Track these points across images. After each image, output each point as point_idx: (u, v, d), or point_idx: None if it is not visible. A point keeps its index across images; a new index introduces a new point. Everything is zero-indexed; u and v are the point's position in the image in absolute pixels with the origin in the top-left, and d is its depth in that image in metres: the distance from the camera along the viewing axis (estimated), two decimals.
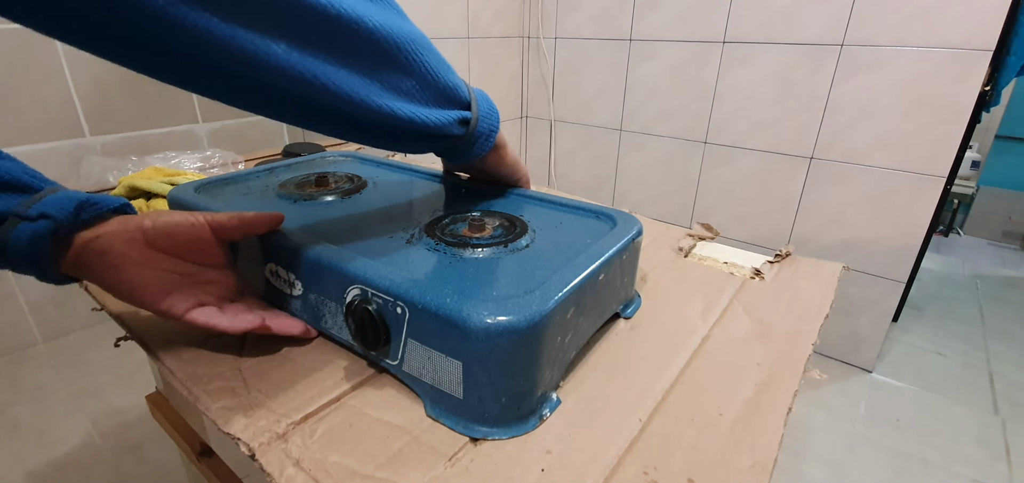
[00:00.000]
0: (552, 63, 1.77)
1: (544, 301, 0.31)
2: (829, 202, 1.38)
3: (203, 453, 0.65)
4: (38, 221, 0.32)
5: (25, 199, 0.33)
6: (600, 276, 0.37)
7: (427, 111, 0.38)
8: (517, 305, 0.30)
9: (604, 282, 0.38)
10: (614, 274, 0.40)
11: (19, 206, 0.32)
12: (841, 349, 1.50)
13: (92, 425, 1.18)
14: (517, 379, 0.31)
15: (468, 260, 0.38)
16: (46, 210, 0.32)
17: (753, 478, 0.29)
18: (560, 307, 0.32)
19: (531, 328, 0.30)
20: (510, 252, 0.39)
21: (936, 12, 1.13)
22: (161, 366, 0.38)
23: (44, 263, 0.33)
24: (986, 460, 1.16)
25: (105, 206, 0.35)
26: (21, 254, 0.32)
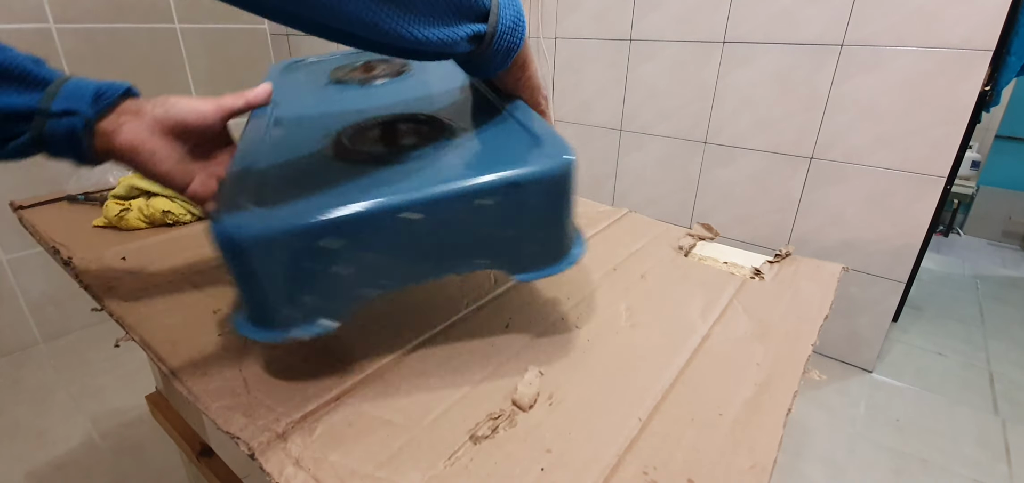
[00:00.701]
0: (552, 63, 1.77)
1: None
2: (829, 202, 1.38)
3: (203, 453, 0.65)
4: (64, 118, 0.35)
5: (40, 94, 0.35)
6: None
7: (429, 29, 0.34)
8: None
9: None
10: None
11: (41, 103, 0.35)
12: (841, 349, 1.50)
13: (92, 425, 1.18)
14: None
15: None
16: (69, 107, 0.35)
17: (753, 478, 0.29)
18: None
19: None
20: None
21: (936, 12, 1.13)
22: (161, 366, 0.38)
23: (82, 152, 0.36)
24: (986, 460, 1.16)
25: (116, 92, 0.38)
26: (59, 148, 0.36)
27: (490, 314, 0.46)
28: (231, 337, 0.41)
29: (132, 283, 0.49)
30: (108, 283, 0.48)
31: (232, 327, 0.34)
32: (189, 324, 0.42)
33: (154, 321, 0.43)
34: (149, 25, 1.45)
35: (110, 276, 0.49)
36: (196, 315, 0.44)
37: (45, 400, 1.25)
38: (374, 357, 0.39)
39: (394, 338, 0.42)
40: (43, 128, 0.35)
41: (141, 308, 0.45)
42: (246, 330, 0.33)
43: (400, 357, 0.39)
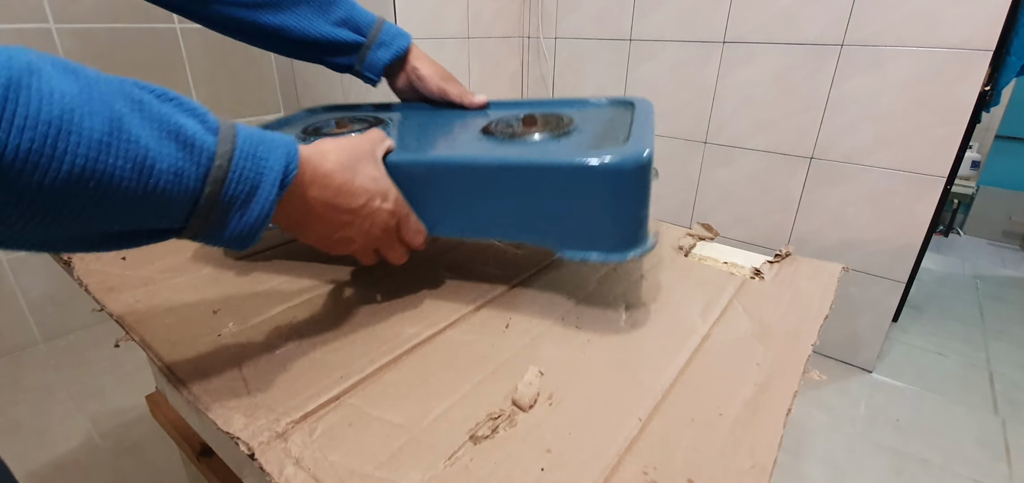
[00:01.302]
0: (552, 63, 1.77)
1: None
2: (829, 202, 1.38)
3: (203, 453, 0.65)
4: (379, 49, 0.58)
5: (365, 38, 0.57)
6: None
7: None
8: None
9: None
10: None
11: (356, 63, 0.58)
12: (841, 349, 1.50)
13: (92, 425, 1.18)
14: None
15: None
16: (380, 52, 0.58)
17: (753, 478, 0.29)
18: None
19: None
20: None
21: (936, 12, 1.13)
22: (161, 366, 0.38)
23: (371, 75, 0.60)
24: (986, 460, 1.16)
25: (399, 55, 0.60)
26: (374, 72, 0.59)
27: (490, 314, 0.46)
28: (231, 337, 0.41)
29: (132, 283, 0.49)
30: (108, 283, 0.48)
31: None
32: (189, 324, 0.42)
33: (154, 321, 0.43)
34: (149, 25, 1.45)
35: (110, 276, 0.49)
36: (196, 315, 0.44)
37: (45, 400, 1.25)
38: (374, 357, 0.39)
39: (394, 338, 0.42)
40: (365, 56, 0.58)
41: (141, 308, 0.45)
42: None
43: (400, 357, 0.39)
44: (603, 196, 0.38)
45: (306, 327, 0.43)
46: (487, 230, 0.43)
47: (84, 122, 0.22)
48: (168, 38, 1.50)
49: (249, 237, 0.30)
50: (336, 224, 0.37)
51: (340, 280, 0.51)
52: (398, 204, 0.41)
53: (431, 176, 0.42)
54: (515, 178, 0.39)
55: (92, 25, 1.36)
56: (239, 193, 0.28)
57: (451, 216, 0.43)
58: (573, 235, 0.40)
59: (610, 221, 0.39)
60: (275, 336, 0.41)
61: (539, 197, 0.39)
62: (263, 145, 0.30)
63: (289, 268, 0.53)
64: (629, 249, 0.39)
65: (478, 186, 0.41)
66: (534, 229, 0.41)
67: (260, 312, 0.45)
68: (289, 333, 0.42)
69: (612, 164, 0.36)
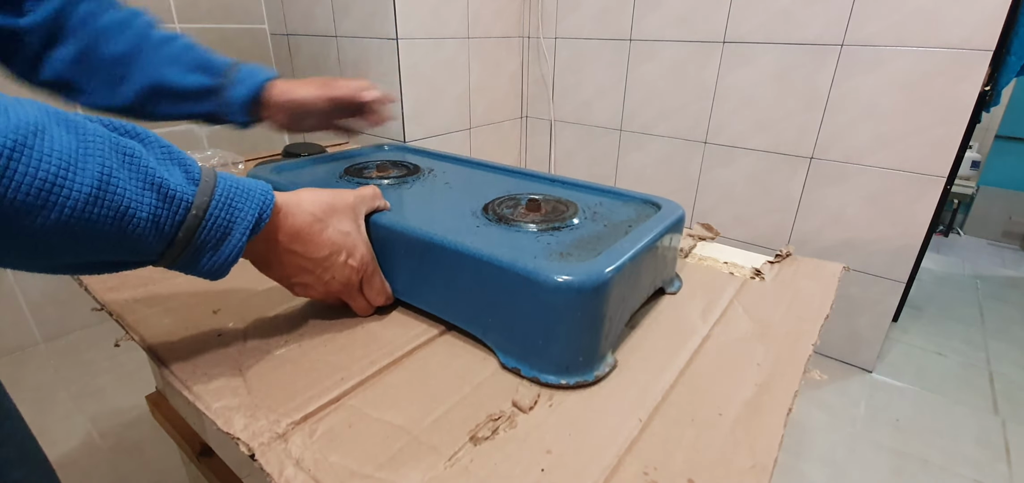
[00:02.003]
0: (552, 63, 1.77)
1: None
2: (829, 202, 1.38)
3: (203, 453, 0.65)
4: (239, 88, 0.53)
5: (215, 102, 0.53)
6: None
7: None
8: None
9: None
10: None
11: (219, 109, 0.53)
12: (841, 349, 1.50)
13: (92, 425, 1.18)
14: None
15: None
16: (235, 116, 0.54)
17: (753, 478, 0.29)
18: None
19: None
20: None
21: (936, 12, 1.13)
22: (161, 366, 0.38)
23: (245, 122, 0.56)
24: (986, 460, 1.16)
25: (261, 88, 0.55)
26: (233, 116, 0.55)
27: None
28: (231, 337, 0.41)
29: (132, 283, 0.49)
30: (108, 283, 0.48)
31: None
32: (189, 324, 0.42)
33: (154, 321, 0.43)
34: None
35: (110, 276, 0.49)
36: (196, 315, 0.44)
37: (45, 400, 1.25)
38: (374, 359, 0.39)
39: (394, 340, 0.42)
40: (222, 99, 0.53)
41: (141, 308, 0.45)
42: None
43: (400, 359, 0.39)
44: (547, 311, 0.35)
45: (307, 328, 0.43)
46: (442, 310, 0.42)
47: (76, 178, 0.25)
48: None
49: (219, 272, 0.33)
50: (296, 269, 0.39)
51: None
52: (363, 262, 0.42)
53: (397, 243, 0.43)
54: (470, 268, 0.38)
55: None
56: (211, 237, 0.31)
57: (409, 285, 0.44)
58: (517, 343, 0.37)
59: (551, 337, 0.35)
60: (275, 336, 0.41)
61: (488, 292, 0.37)
62: (239, 196, 0.32)
63: None
64: (570, 374, 0.36)
65: (434, 265, 0.40)
66: (483, 324, 0.39)
67: (260, 312, 0.45)
68: (289, 333, 0.42)
69: (563, 282, 0.34)
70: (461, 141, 1.65)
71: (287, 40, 1.66)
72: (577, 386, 0.36)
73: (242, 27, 1.64)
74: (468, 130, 1.67)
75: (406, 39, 1.36)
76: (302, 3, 1.54)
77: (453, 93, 1.57)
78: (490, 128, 1.76)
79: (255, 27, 1.67)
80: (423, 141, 1.51)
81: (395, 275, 0.44)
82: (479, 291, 0.38)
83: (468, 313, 0.40)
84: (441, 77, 1.51)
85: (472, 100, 1.65)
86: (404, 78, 1.39)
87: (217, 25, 1.59)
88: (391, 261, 0.44)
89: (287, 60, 1.70)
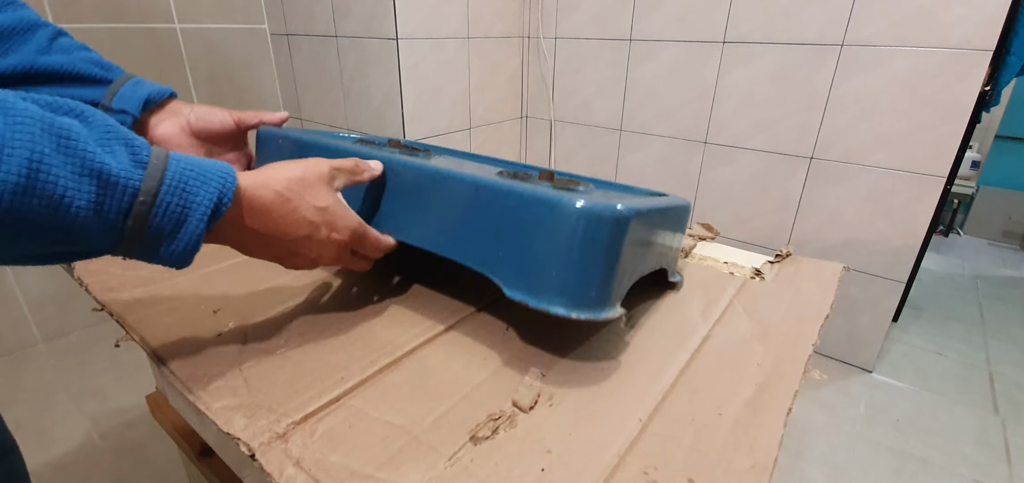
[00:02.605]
0: (552, 63, 1.77)
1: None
2: (829, 202, 1.38)
3: (203, 453, 0.65)
4: (118, 114, 0.45)
5: (105, 90, 0.45)
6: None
7: None
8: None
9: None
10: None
11: (104, 98, 0.45)
12: (841, 349, 1.50)
13: (92, 425, 1.18)
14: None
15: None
16: (124, 106, 0.45)
17: (753, 478, 0.29)
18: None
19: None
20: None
21: (936, 12, 1.13)
22: (161, 366, 0.38)
23: None
24: (986, 460, 1.16)
25: (161, 96, 0.48)
26: None
27: (491, 316, 0.46)
28: (231, 337, 0.41)
29: (132, 283, 0.49)
30: (108, 283, 0.48)
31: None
32: (189, 324, 0.42)
33: (154, 321, 0.43)
34: (149, 25, 1.45)
35: (110, 276, 0.49)
36: (196, 315, 0.44)
37: (45, 400, 1.25)
38: (375, 358, 0.39)
39: (395, 340, 0.42)
40: None
41: (141, 308, 0.45)
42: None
43: (400, 359, 0.39)
44: (567, 238, 0.35)
45: (307, 328, 0.43)
46: (447, 247, 0.42)
47: (1, 166, 0.22)
48: (168, 38, 1.50)
49: (181, 260, 0.31)
50: (278, 251, 0.37)
51: (341, 281, 0.51)
52: (349, 230, 0.40)
53: (407, 181, 0.43)
54: (487, 200, 0.39)
55: (92, 25, 1.36)
56: (165, 225, 0.29)
57: (413, 224, 0.43)
58: (527, 275, 0.37)
59: (566, 266, 0.35)
60: (275, 336, 0.41)
61: (503, 224, 0.38)
62: (194, 179, 0.30)
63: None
64: (580, 308, 0.35)
65: (445, 202, 0.41)
66: (492, 257, 0.39)
67: (260, 312, 0.45)
68: (289, 333, 0.42)
69: (583, 209, 0.34)
70: (461, 141, 1.65)
71: (287, 40, 1.66)
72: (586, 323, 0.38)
73: (242, 27, 1.64)
74: (468, 130, 1.67)
75: (406, 39, 1.36)
76: (302, 3, 1.54)
77: (453, 93, 1.57)
78: (490, 128, 1.76)
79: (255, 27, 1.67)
80: (423, 141, 1.51)
81: (401, 215, 0.44)
82: (492, 224, 0.38)
83: (476, 248, 0.40)
84: (441, 77, 1.51)
85: (472, 100, 1.65)
86: (404, 78, 1.39)
87: (217, 25, 1.59)
88: (398, 201, 0.43)
89: (287, 60, 1.70)
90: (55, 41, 0.45)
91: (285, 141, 0.51)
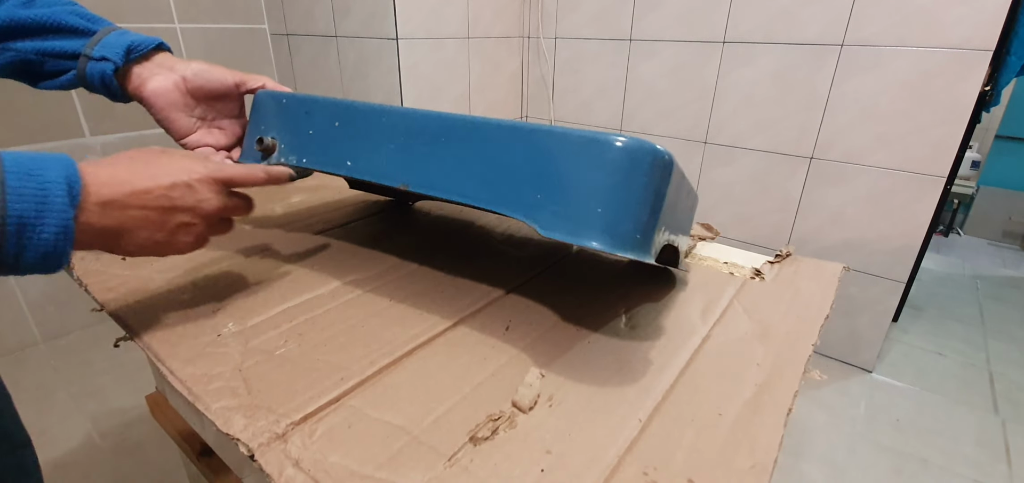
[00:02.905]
0: (552, 63, 1.77)
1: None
2: (829, 202, 1.38)
3: (203, 453, 0.65)
4: (100, 62, 0.43)
5: (87, 40, 0.43)
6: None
7: None
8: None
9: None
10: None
11: (86, 47, 0.43)
12: (841, 349, 1.50)
13: (92, 425, 1.18)
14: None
15: None
16: (105, 53, 0.43)
17: (753, 478, 0.29)
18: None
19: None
20: None
21: (936, 12, 1.13)
22: (161, 366, 0.38)
23: (113, 91, 0.45)
24: (986, 460, 1.16)
25: (148, 46, 0.45)
26: (95, 85, 0.44)
27: (490, 316, 0.46)
28: (231, 337, 0.41)
29: (132, 283, 0.48)
30: (108, 283, 0.48)
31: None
32: (189, 324, 0.42)
33: (154, 321, 0.43)
34: (149, 25, 1.45)
35: (110, 276, 0.49)
36: (196, 315, 0.44)
37: (45, 400, 1.25)
38: (374, 358, 0.39)
39: (394, 340, 0.42)
40: (84, 69, 0.43)
41: (141, 308, 0.45)
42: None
43: (400, 359, 0.39)
44: (615, 173, 0.35)
45: (306, 328, 0.43)
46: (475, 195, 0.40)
47: None
48: (168, 38, 1.50)
49: (54, 255, 0.29)
50: (152, 220, 0.35)
51: (340, 281, 0.51)
52: (214, 167, 0.39)
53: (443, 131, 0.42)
54: (524, 142, 0.38)
55: None
56: (26, 211, 0.28)
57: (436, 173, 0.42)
58: (570, 216, 0.37)
59: (613, 204, 0.35)
60: (275, 336, 0.41)
61: (542, 165, 0.37)
62: (36, 163, 0.29)
63: (289, 268, 0.53)
64: (626, 247, 0.35)
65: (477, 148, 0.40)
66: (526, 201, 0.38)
67: (260, 312, 0.45)
68: (289, 333, 0.42)
69: (635, 145, 0.34)
70: None
71: (287, 40, 1.66)
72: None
73: (242, 27, 1.64)
74: None
75: (406, 39, 1.36)
76: (302, 3, 1.54)
77: (453, 93, 1.57)
78: None
79: (255, 27, 1.67)
80: None
81: (421, 167, 0.42)
82: (530, 167, 0.38)
83: (510, 192, 0.39)
84: (441, 77, 1.51)
85: (472, 100, 1.65)
86: (404, 78, 1.39)
87: (217, 25, 1.59)
88: (424, 148, 0.42)
89: (287, 60, 1.70)
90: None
91: (288, 101, 0.49)
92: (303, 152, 0.48)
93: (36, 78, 0.45)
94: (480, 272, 0.53)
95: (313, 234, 0.61)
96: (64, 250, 0.30)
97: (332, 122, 0.46)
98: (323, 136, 0.47)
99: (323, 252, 0.56)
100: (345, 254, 0.56)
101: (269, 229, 0.62)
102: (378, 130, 0.44)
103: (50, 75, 0.44)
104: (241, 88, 0.50)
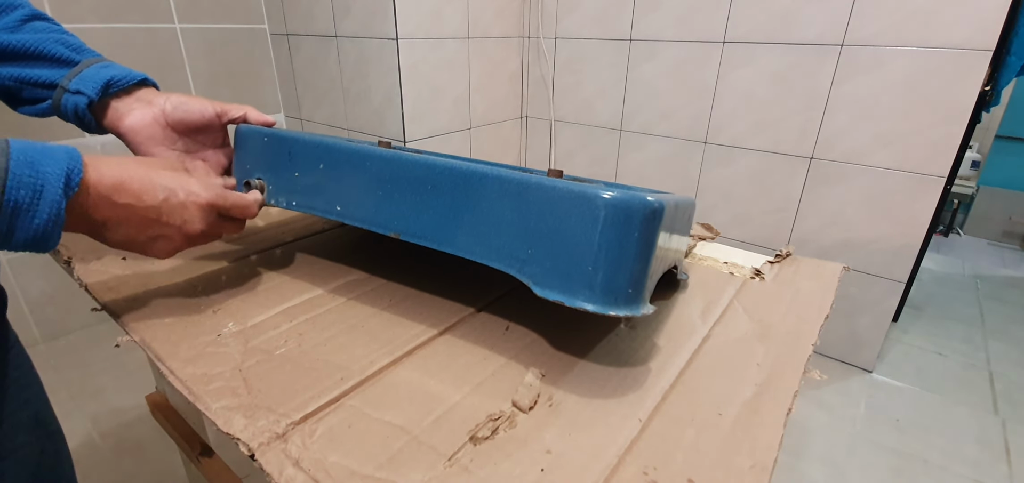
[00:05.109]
0: (552, 63, 1.77)
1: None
2: (829, 202, 1.38)
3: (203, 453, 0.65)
4: (75, 95, 0.43)
5: (68, 71, 0.43)
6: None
7: None
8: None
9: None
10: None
11: (64, 79, 0.43)
12: (841, 349, 1.50)
13: (92, 425, 1.18)
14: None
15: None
16: (81, 87, 0.43)
17: (753, 478, 0.29)
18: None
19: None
20: None
21: (936, 12, 1.13)
22: (161, 366, 0.38)
23: (86, 124, 0.45)
24: (986, 460, 1.16)
25: (129, 80, 0.45)
26: (69, 116, 0.44)
27: (490, 316, 0.46)
28: (231, 337, 0.41)
29: (132, 283, 0.48)
30: (108, 283, 0.48)
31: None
32: (189, 324, 0.42)
33: (154, 321, 0.43)
34: (149, 25, 1.45)
35: (110, 276, 0.49)
36: (196, 315, 0.44)
37: None
38: (374, 358, 0.39)
39: (394, 340, 0.42)
40: (60, 100, 0.43)
41: (141, 308, 0.45)
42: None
43: (400, 359, 0.39)
44: (605, 231, 0.34)
45: (306, 328, 0.43)
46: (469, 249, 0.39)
47: None
48: (168, 38, 1.50)
49: (44, 237, 0.31)
50: (140, 223, 0.37)
51: (340, 281, 0.51)
52: (213, 192, 0.40)
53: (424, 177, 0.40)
54: (514, 195, 0.37)
55: (92, 25, 1.36)
56: (23, 198, 0.29)
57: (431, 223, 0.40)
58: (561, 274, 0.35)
59: (604, 263, 0.34)
60: (275, 336, 0.41)
61: (532, 221, 0.36)
62: (39, 153, 0.30)
63: (289, 268, 0.53)
64: (619, 305, 0.34)
65: (469, 198, 0.39)
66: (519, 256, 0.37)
67: (260, 312, 0.45)
68: (289, 333, 0.42)
69: (620, 200, 0.33)
70: (461, 141, 1.65)
71: (287, 40, 1.66)
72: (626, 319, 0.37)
73: (242, 27, 1.64)
74: (468, 130, 1.67)
75: (406, 39, 1.36)
76: (302, 3, 1.54)
77: (453, 93, 1.57)
78: (490, 128, 1.76)
79: (255, 27, 1.67)
80: (423, 141, 1.51)
81: (411, 216, 0.41)
82: (520, 221, 0.36)
83: (501, 247, 0.37)
84: (441, 77, 1.51)
85: (472, 100, 1.65)
86: (404, 78, 1.39)
87: (217, 25, 1.59)
88: (408, 199, 0.41)
89: (287, 60, 1.70)
90: (29, 22, 0.44)
91: (269, 139, 0.48)
92: (291, 195, 0.47)
93: (15, 102, 0.45)
94: (480, 272, 0.53)
95: (314, 233, 0.61)
96: (53, 234, 0.31)
97: (316, 165, 0.45)
98: (309, 179, 0.46)
99: (324, 252, 0.57)
100: (346, 254, 0.56)
101: (269, 229, 0.62)
102: (364, 175, 0.43)
103: (28, 102, 0.44)
104: (223, 118, 0.49)
